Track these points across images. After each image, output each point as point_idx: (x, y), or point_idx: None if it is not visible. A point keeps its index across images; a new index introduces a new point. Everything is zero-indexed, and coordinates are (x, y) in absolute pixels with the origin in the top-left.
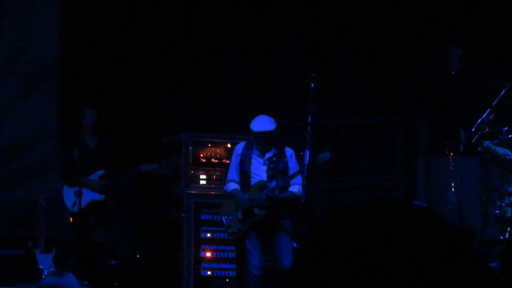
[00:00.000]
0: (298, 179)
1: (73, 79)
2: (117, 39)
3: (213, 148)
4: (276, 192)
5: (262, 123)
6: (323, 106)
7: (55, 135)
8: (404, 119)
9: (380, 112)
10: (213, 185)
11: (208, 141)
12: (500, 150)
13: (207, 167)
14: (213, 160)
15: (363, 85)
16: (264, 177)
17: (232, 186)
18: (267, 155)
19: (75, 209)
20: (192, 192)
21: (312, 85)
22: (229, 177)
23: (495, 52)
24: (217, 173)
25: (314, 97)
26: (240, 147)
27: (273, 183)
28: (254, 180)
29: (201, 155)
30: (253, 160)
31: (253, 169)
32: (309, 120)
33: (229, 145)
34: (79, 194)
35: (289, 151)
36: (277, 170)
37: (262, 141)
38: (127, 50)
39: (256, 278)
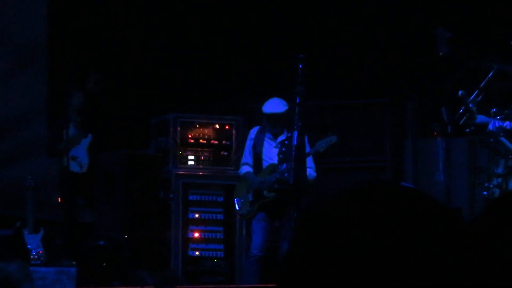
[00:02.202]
0: (310, 162)
1: (62, 59)
2: (106, 20)
3: (201, 129)
4: (286, 175)
5: (273, 105)
6: (311, 87)
7: (44, 116)
8: (392, 100)
9: (368, 94)
10: (201, 166)
11: (196, 122)
12: (473, 107)
13: (195, 147)
14: (201, 140)
15: (351, 66)
16: (275, 160)
17: (245, 169)
18: (279, 138)
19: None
20: (180, 172)
21: (300, 66)
22: (243, 160)
23: (483, 33)
24: (205, 153)
25: (302, 78)
26: (254, 130)
27: (284, 166)
28: (265, 163)
29: (189, 136)
30: (265, 143)
31: (264, 152)
32: (297, 101)
33: (217, 126)
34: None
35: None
36: (289, 154)
37: (273, 123)
38: (116, 31)
39: (255, 258)
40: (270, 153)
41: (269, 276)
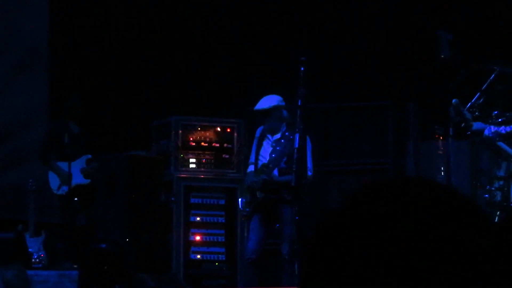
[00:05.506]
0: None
1: (63, 63)
2: (108, 22)
3: (202, 132)
4: (275, 173)
5: (259, 103)
6: (312, 90)
7: (44, 119)
8: (394, 102)
9: (370, 96)
10: (202, 169)
11: (198, 125)
12: (468, 114)
13: (197, 150)
14: (202, 143)
15: (353, 68)
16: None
17: (249, 168)
18: (275, 137)
19: (60, 191)
20: (182, 175)
21: (302, 68)
22: (250, 159)
23: (485, 36)
24: (207, 156)
25: (304, 80)
26: (259, 129)
27: (270, 165)
28: (261, 162)
29: (191, 139)
30: (264, 142)
31: (262, 151)
32: (299, 103)
33: (218, 129)
34: (68, 179)
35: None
36: (282, 153)
37: (259, 120)
38: (117, 34)
39: (249, 261)
40: (266, 152)
41: (268, 278)
